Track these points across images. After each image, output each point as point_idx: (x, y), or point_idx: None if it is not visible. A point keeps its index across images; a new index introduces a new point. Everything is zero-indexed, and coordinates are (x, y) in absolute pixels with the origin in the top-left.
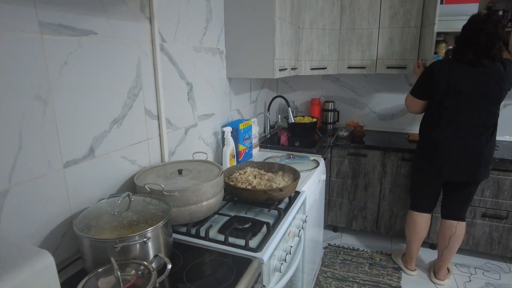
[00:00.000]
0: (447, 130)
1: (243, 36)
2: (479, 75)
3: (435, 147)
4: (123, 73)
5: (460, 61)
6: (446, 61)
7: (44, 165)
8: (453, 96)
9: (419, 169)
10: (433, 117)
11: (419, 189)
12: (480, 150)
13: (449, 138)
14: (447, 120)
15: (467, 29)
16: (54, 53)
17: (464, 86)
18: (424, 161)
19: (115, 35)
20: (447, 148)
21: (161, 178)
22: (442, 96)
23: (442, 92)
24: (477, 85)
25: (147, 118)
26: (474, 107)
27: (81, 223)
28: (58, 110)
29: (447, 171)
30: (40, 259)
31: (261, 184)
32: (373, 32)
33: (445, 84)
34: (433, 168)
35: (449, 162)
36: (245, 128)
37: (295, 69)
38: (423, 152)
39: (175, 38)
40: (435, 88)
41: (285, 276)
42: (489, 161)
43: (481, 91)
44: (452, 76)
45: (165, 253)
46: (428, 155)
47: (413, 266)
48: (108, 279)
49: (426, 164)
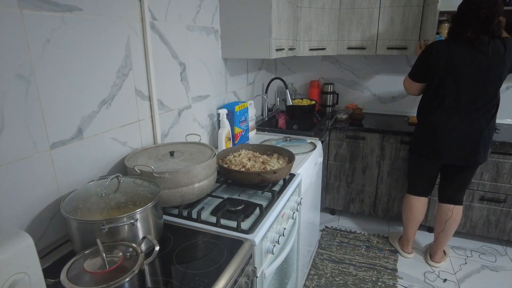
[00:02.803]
0: (447, 113)
1: (238, 14)
2: (479, 55)
3: (434, 130)
4: (112, 52)
5: (458, 40)
6: (445, 42)
7: (29, 146)
8: (452, 78)
9: (417, 152)
10: (432, 99)
11: (417, 172)
12: (480, 133)
13: (449, 121)
14: (446, 102)
15: (466, 4)
16: (35, 30)
17: (463, 66)
18: (422, 144)
19: (102, 11)
20: (446, 131)
21: (153, 160)
22: (440, 78)
23: (440, 73)
24: (476, 65)
25: (138, 99)
26: (474, 88)
27: (68, 205)
28: (42, 90)
29: (446, 155)
30: (18, 240)
31: (255, 166)
32: (374, 11)
33: (443, 65)
34: (432, 151)
35: (448, 146)
36: (241, 111)
37: (293, 49)
38: (422, 135)
39: (167, 16)
40: (433, 69)
41: (278, 258)
42: (488, 144)
43: (481, 72)
44: (450, 56)
45: (155, 235)
46: (427, 139)
47: (409, 249)
48: (94, 261)
49: (424, 148)
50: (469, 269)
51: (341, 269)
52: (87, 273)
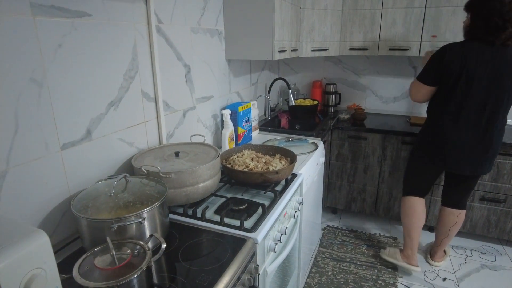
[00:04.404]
0: (459, 120)
1: (242, 16)
2: (495, 57)
3: (444, 138)
4: (119, 55)
5: (474, 39)
6: (459, 42)
7: (41, 147)
8: (465, 81)
9: (421, 155)
10: (443, 105)
11: (418, 175)
12: (490, 143)
13: (460, 129)
14: (458, 108)
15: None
16: (48, 36)
17: (477, 69)
18: (429, 150)
19: (110, 16)
20: (457, 140)
21: (159, 160)
22: (454, 82)
23: (454, 77)
24: (491, 68)
25: (144, 100)
26: (487, 93)
27: (78, 204)
28: (54, 93)
29: (453, 163)
30: (36, 237)
31: (258, 166)
32: (376, 12)
33: (457, 68)
34: (438, 157)
35: (456, 155)
36: (244, 111)
37: (295, 50)
38: (430, 141)
39: (172, 19)
40: (447, 72)
41: (280, 256)
42: (496, 153)
43: (496, 76)
44: (465, 58)
45: (161, 233)
46: (435, 146)
47: (416, 261)
48: (104, 258)
49: (430, 154)
50: (468, 268)
51: (342, 267)
52: (97, 269)
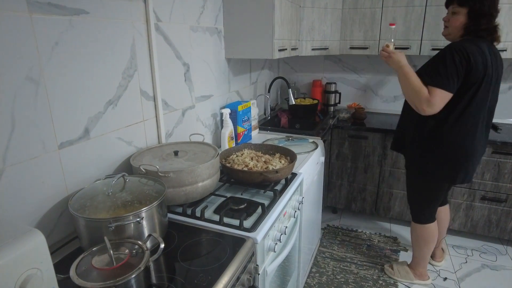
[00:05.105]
0: (477, 128)
1: (241, 15)
2: (496, 56)
3: (469, 151)
4: (117, 53)
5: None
6: (467, 41)
7: (38, 146)
8: (484, 85)
9: (436, 177)
10: (464, 116)
11: (436, 197)
12: (485, 147)
13: (479, 138)
14: (476, 114)
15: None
16: (44, 33)
17: (492, 70)
18: (451, 166)
19: (108, 14)
20: (480, 150)
21: (157, 159)
22: (477, 86)
23: (479, 80)
24: (495, 68)
25: (142, 99)
26: (493, 95)
27: (76, 203)
28: (51, 91)
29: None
30: (32, 237)
31: (258, 166)
32: (376, 11)
33: (481, 70)
34: (463, 174)
35: (476, 166)
36: (244, 110)
37: (295, 49)
38: (449, 156)
39: (171, 18)
40: (475, 76)
41: (280, 255)
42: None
43: (498, 76)
44: (486, 59)
45: (160, 233)
46: (456, 160)
47: (427, 274)
48: (102, 258)
49: (453, 170)
50: (469, 268)
51: (342, 267)
52: (95, 269)
